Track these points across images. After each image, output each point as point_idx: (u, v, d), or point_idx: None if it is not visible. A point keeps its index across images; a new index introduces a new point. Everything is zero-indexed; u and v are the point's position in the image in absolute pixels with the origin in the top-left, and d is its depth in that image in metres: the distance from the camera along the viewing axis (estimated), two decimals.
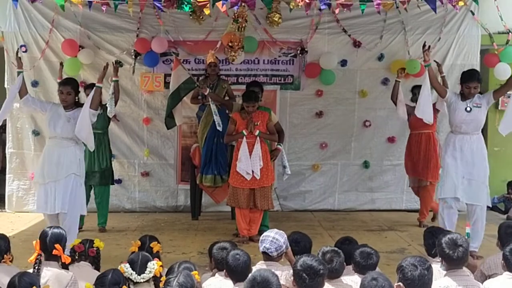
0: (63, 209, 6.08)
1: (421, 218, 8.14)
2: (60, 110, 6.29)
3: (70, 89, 6.32)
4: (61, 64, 8.02)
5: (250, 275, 3.34)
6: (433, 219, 8.13)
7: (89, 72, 8.68)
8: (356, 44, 8.88)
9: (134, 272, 3.59)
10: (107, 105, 7.42)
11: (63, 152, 6.17)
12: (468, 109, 6.39)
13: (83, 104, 6.33)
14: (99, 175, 7.67)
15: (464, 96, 6.48)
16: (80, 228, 7.56)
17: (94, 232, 7.62)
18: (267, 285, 3.18)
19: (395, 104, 7.68)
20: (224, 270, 3.95)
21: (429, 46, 6.51)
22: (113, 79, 7.49)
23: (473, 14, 8.66)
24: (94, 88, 6.35)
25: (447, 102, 6.55)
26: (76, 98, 6.41)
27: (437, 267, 3.93)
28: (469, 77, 6.51)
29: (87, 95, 7.59)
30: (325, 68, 8.80)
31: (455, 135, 6.51)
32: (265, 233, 4.27)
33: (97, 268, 4.46)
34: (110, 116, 7.65)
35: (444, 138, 6.95)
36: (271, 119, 7.29)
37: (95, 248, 4.46)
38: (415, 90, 7.86)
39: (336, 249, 4.03)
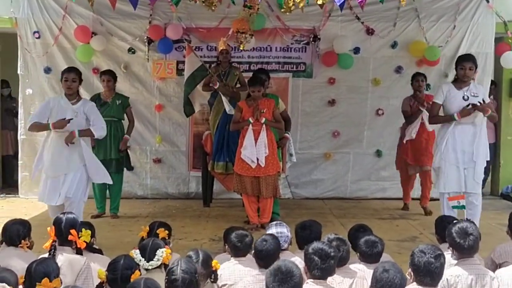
0: (68, 193, 6.02)
1: (424, 203, 8.12)
2: (63, 102, 6.09)
3: (75, 76, 6.17)
4: None
5: (274, 263, 3.31)
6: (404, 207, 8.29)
7: (101, 59, 8.71)
8: (369, 32, 8.83)
9: (143, 259, 3.61)
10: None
11: (72, 146, 6.02)
12: (466, 97, 6.25)
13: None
14: (115, 162, 7.66)
15: (458, 82, 6.36)
16: (101, 214, 7.68)
17: (106, 218, 7.69)
18: (290, 276, 3.15)
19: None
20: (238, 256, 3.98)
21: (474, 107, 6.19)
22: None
23: (487, 1, 8.59)
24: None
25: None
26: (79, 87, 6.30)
27: (448, 257, 3.91)
28: (464, 57, 6.50)
29: (102, 81, 7.66)
30: (340, 52, 8.74)
31: (454, 126, 6.30)
32: (264, 236, 4.07)
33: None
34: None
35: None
36: (277, 107, 7.25)
37: (83, 240, 4.15)
38: (418, 77, 7.95)
39: (341, 236, 4.03)
